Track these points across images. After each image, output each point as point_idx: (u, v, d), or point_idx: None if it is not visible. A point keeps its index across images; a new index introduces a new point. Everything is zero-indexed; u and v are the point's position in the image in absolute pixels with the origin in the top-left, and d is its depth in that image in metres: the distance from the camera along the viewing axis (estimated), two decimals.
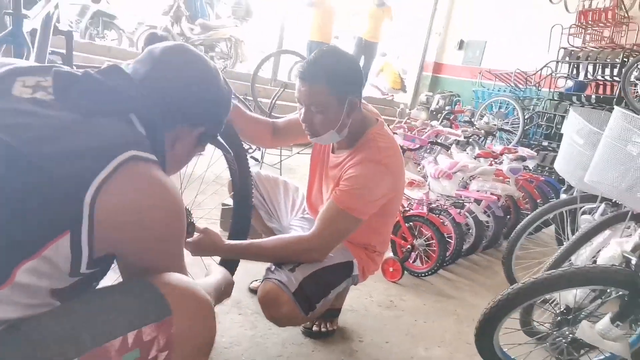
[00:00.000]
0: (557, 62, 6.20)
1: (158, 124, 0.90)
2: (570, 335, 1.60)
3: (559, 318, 1.65)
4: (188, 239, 1.52)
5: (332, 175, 1.71)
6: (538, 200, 3.69)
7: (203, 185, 1.96)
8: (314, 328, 1.82)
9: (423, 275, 2.60)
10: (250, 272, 2.06)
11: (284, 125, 1.88)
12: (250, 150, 4.60)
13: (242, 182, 1.68)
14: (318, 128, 1.56)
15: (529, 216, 2.52)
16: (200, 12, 8.88)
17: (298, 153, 4.29)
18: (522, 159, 3.61)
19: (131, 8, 9.01)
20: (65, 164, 0.74)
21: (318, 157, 1.83)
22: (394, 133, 3.38)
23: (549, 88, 6.51)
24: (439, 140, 3.80)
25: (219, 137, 1.13)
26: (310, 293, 1.55)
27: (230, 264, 1.65)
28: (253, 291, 2.06)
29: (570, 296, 1.62)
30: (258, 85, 6.56)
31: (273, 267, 1.60)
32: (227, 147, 1.46)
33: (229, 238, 1.72)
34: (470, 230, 3.07)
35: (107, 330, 0.74)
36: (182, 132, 0.98)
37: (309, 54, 7.75)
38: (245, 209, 1.72)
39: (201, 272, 1.28)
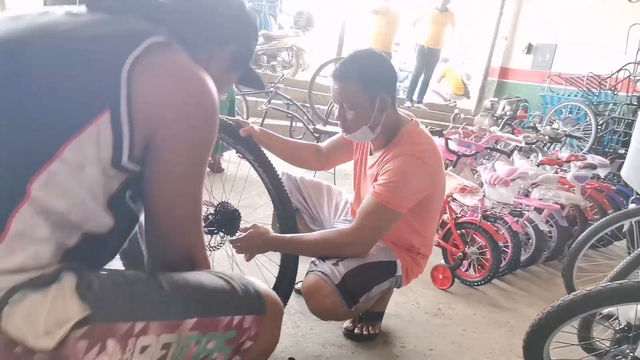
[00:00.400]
0: (636, 64, 5.77)
1: (190, 41, 0.93)
2: (631, 354, 1.47)
3: (619, 335, 1.52)
4: (237, 235, 1.60)
5: (369, 174, 1.74)
6: (609, 211, 3.43)
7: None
8: (356, 331, 1.81)
9: (475, 284, 2.50)
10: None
11: (328, 148, 1.96)
12: None
13: (274, 187, 1.70)
14: (351, 124, 1.61)
15: (593, 226, 2.35)
16: (263, 24, 9.21)
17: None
18: (592, 167, 3.37)
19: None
20: (101, 43, 0.79)
21: (358, 162, 1.87)
22: (448, 139, 3.31)
23: (627, 92, 6.07)
24: (498, 147, 3.66)
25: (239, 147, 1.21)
26: (354, 287, 1.58)
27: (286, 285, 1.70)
28: (298, 292, 2.09)
29: (632, 312, 1.50)
30: (317, 92, 6.67)
31: (317, 261, 1.64)
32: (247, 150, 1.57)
33: None
34: (530, 241, 2.92)
35: (220, 307, 0.86)
36: (214, 52, 1.01)
37: None
38: (288, 213, 1.73)
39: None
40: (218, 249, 1.70)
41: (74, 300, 0.72)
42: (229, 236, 1.65)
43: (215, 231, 1.65)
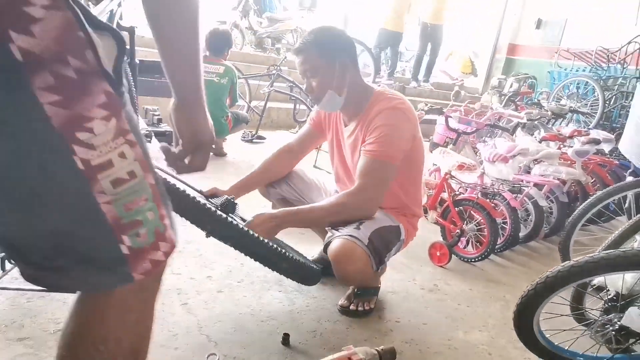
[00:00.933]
0: None
1: None
2: (618, 322, 1.49)
3: (607, 305, 1.54)
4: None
5: (349, 143, 1.81)
6: (611, 186, 3.40)
7: None
8: (351, 307, 1.85)
9: (472, 260, 2.52)
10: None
11: (299, 140, 2.04)
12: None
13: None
14: (318, 92, 1.71)
15: (589, 199, 2.35)
16: (268, 6, 9.13)
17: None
18: (595, 142, 3.35)
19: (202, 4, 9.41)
20: None
21: (333, 140, 1.94)
22: (448, 116, 3.30)
23: (637, 66, 5.94)
24: (500, 124, 3.64)
25: None
26: (379, 247, 1.68)
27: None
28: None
29: (620, 281, 1.51)
30: None
31: (338, 227, 1.70)
32: None
33: None
34: (530, 217, 2.93)
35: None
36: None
37: (380, 42, 7.63)
38: None
39: None
40: None
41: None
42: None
43: None
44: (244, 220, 1.67)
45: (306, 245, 2.20)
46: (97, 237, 0.66)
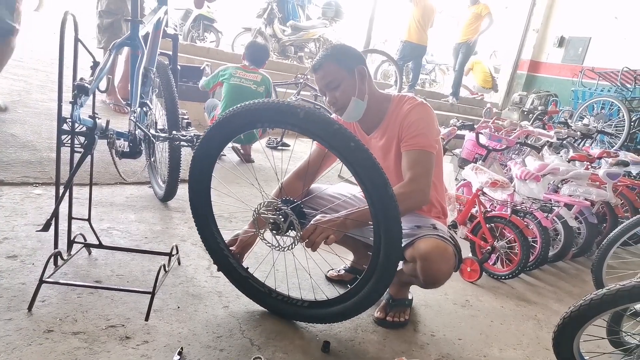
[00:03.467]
0: None
1: None
2: None
3: None
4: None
5: (380, 146, 1.85)
6: None
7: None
8: (387, 318, 1.87)
9: (503, 278, 2.53)
10: (326, 262, 2.16)
11: (311, 164, 1.93)
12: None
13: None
14: (342, 101, 1.76)
15: (624, 223, 2.35)
16: (291, 14, 9.23)
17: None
18: (624, 164, 3.34)
19: (229, 11, 9.55)
20: None
21: None
22: (479, 133, 3.32)
23: None
24: (528, 142, 3.64)
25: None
26: (458, 247, 1.76)
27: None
28: (329, 279, 2.17)
29: None
30: None
31: (416, 229, 1.74)
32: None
33: None
34: (559, 236, 2.93)
35: None
36: None
37: (404, 55, 7.64)
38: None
39: None
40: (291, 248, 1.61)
41: None
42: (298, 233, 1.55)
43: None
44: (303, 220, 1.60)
45: (334, 258, 2.23)
46: None
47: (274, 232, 1.57)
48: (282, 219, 1.54)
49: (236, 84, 3.77)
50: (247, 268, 1.79)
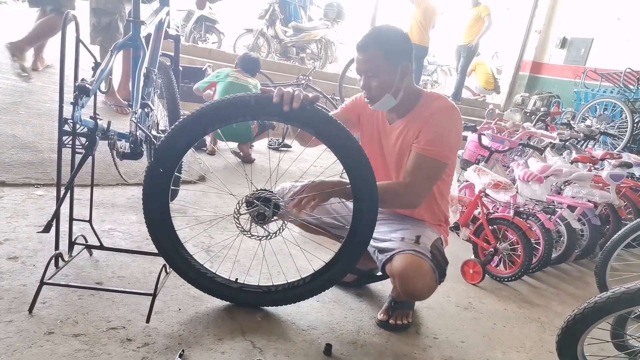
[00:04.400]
0: None
1: None
2: None
3: None
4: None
5: (396, 141, 1.80)
6: None
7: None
8: (390, 321, 1.86)
9: (505, 280, 2.52)
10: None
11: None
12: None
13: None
14: (376, 92, 1.70)
15: (628, 225, 2.34)
16: (293, 15, 9.23)
17: None
18: (627, 165, 3.34)
19: (231, 13, 9.56)
20: None
21: (373, 134, 1.90)
22: (481, 134, 3.31)
23: None
24: (531, 143, 3.63)
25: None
26: (440, 259, 1.71)
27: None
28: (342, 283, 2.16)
29: None
30: (346, 85, 6.68)
31: (396, 242, 1.71)
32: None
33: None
34: (562, 238, 2.91)
35: None
36: None
37: None
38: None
39: None
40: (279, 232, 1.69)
41: None
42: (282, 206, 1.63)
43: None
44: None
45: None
46: None
47: (261, 222, 1.63)
48: (265, 206, 1.61)
49: (232, 81, 3.88)
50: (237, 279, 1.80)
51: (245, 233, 1.69)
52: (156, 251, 1.71)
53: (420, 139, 1.69)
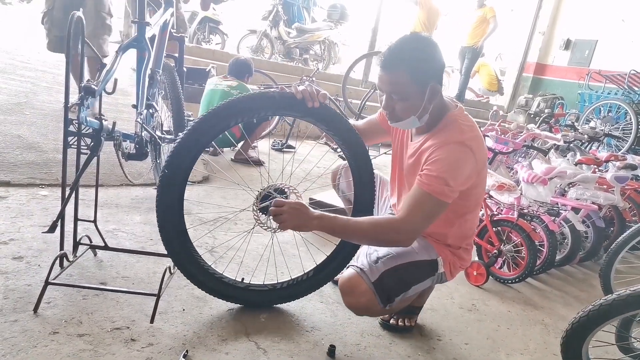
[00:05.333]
0: None
1: None
2: None
3: None
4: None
5: (409, 163, 1.69)
6: None
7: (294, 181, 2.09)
8: (392, 322, 1.86)
9: (510, 282, 2.51)
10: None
11: (364, 128, 1.91)
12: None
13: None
14: (400, 114, 1.55)
15: (633, 228, 2.33)
16: (297, 17, 9.25)
17: (385, 153, 4.32)
18: (632, 167, 3.32)
19: (234, 14, 9.58)
20: None
21: (397, 151, 1.83)
22: (485, 135, 3.30)
23: None
24: (535, 145, 3.62)
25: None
26: (391, 286, 1.60)
27: None
28: (335, 282, 2.15)
29: None
30: (349, 87, 6.68)
31: (361, 254, 1.70)
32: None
33: None
34: (566, 240, 2.90)
35: None
36: None
37: None
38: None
39: None
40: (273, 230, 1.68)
41: None
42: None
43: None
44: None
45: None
46: None
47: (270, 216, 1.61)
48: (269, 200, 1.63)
49: (210, 89, 3.96)
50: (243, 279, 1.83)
51: (262, 225, 1.67)
52: (160, 251, 1.71)
53: (424, 170, 1.53)
